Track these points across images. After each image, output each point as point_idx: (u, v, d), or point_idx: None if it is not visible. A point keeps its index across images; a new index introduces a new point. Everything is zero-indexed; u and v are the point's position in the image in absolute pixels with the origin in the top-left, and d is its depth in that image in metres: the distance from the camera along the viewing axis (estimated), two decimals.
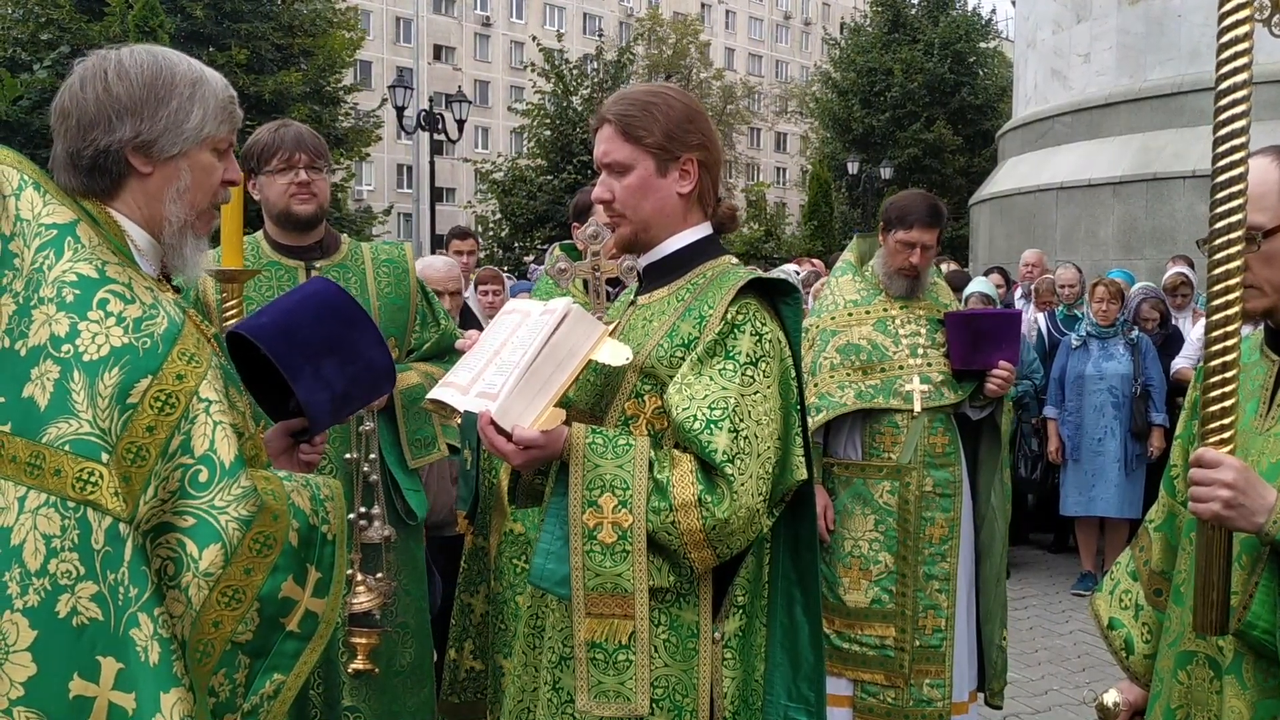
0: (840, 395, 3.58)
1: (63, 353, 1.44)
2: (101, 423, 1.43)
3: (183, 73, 1.64)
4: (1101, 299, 6.61)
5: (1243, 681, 1.68)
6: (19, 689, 1.39)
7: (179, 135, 1.62)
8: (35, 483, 1.42)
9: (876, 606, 3.58)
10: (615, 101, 2.05)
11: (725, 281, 2.00)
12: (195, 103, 1.63)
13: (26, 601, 1.40)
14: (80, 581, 1.40)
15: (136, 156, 1.61)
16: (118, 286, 1.50)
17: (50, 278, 1.47)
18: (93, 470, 1.42)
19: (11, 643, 1.40)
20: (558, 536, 1.92)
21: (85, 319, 1.46)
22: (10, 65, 17.75)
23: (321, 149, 2.94)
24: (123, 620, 1.41)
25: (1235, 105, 1.58)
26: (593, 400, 2.05)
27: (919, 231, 3.60)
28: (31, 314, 1.46)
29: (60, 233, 1.50)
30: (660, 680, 1.92)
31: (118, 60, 1.62)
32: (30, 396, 1.44)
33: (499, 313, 2.13)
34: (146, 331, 1.48)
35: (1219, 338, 1.63)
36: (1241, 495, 1.59)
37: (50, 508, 1.41)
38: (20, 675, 1.39)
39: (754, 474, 1.86)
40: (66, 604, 1.40)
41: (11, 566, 1.41)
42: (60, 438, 1.42)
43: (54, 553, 1.40)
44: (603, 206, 2.07)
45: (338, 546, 1.66)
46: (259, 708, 1.57)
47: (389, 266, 3.13)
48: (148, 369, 1.46)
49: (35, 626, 1.40)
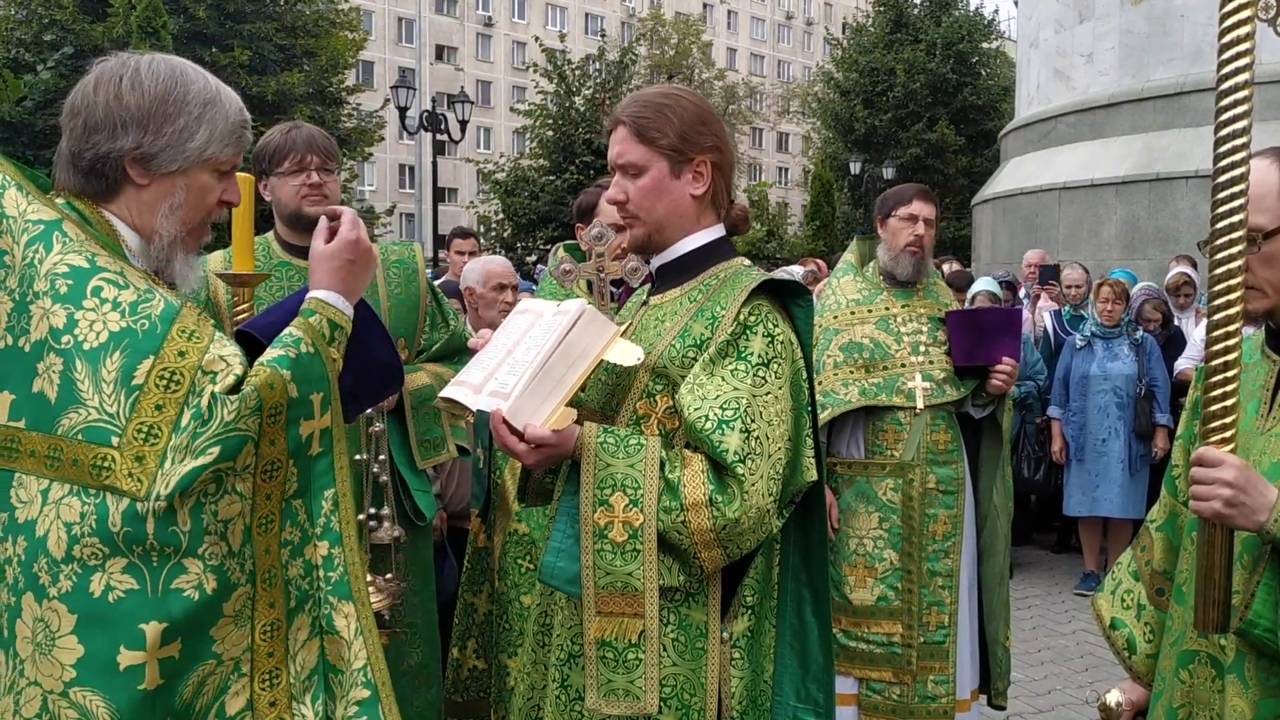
0: (844, 393, 3.60)
1: (63, 344, 1.46)
2: (109, 408, 1.45)
3: (197, 91, 1.64)
4: (1106, 299, 6.61)
5: (1245, 680, 1.69)
6: (71, 671, 1.43)
7: (180, 153, 1.62)
8: (56, 474, 1.45)
9: (883, 604, 3.59)
10: (629, 103, 2.07)
11: (738, 283, 2.02)
12: (203, 123, 1.63)
13: (61, 588, 1.43)
14: (110, 559, 1.44)
15: (135, 167, 1.61)
16: (110, 274, 1.51)
17: (42, 271, 1.49)
18: (106, 455, 1.44)
19: (56, 629, 1.44)
20: (568, 535, 1.93)
21: (81, 308, 1.48)
22: (14, 66, 17.77)
23: (332, 150, 2.97)
24: (161, 579, 1.45)
25: (1237, 105, 1.59)
26: (604, 400, 2.06)
27: (918, 204, 3.67)
28: (29, 309, 1.48)
29: (48, 228, 1.52)
30: (669, 679, 1.93)
31: (135, 68, 1.62)
32: (40, 391, 1.47)
33: (512, 312, 2.15)
34: (144, 314, 1.50)
35: (1220, 338, 1.64)
36: (1243, 494, 1.60)
37: (73, 496, 1.44)
38: (69, 659, 1.43)
39: (765, 474, 1.87)
40: (100, 583, 1.44)
41: (39, 558, 1.44)
42: (73, 428, 1.45)
43: (75, 539, 1.43)
44: (616, 207, 2.09)
45: (322, 352, 1.66)
46: (328, 523, 1.64)
47: (399, 267, 3.14)
48: (149, 349, 1.48)
49: (74, 610, 1.43)
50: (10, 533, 1.47)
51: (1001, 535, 3.77)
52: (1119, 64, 11.59)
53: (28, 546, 1.45)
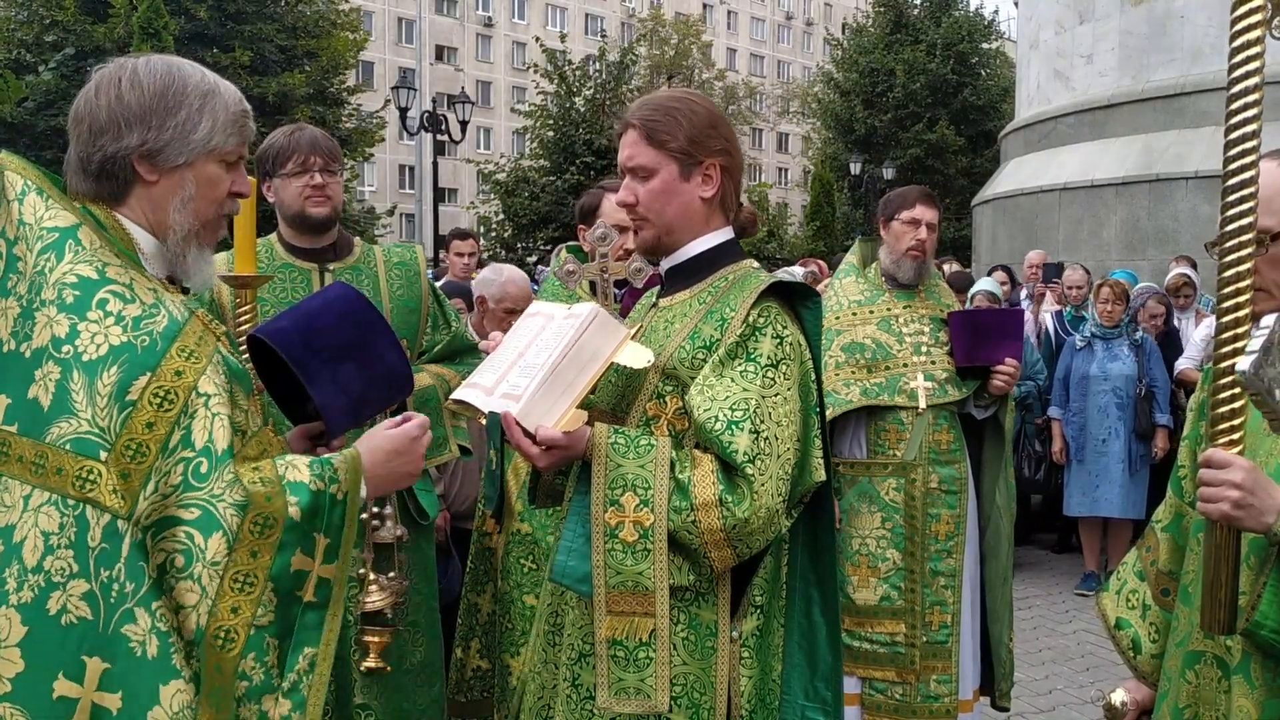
0: (846, 393, 3.61)
1: (63, 353, 1.47)
2: (100, 421, 1.45)
3: (195, 84, 1.66)
4: (1106, 300, 6.62)
5: (1251, 681, 1.69)
6: (6, 685, 1.41)
7: (185, 145, 1.64)
8: (39, 481, 1.45)
9: (886, 604, 3.60)
10: (640, 106, 2.09)
11: (747, 285, 2.03)
12: (204, 114, 1.65)
13: (21, 598, 1.42)
14: (72, 579, 1.42)
15: (142, 164, 1.63)
16: (118, 286, 1.52)
17: (51, 280, 1.50)
18: (91, 468, 1.44)
19: (3, 638, 1.42)
20: (579, 534, 1.94)
21: (85, 319, 1.48)
22: (15, 67, 17.79)
23: (335, 152, 2.98)
24: (114, 618, 1.42)
25: (1247, 108, 1.58)
26: (614, 401, 2.08)
27: (921, 208, 3.68)
28: (35, 316, 1.49)
29: (62, 236, 1.53)
30: (679, 678, 1.94)
31: (133, 69, 1.64)
32: (35, 398, 1.47)
33: (523, 315, 2.16)
34: (145, 330, 1.50)
35: (1229, 339, 1.64)
36: (1250, 495, 1.60)
37: (51, 506, 1.44)
38: (9, 671, 1.41)
39: (774, 475, 1.88)
40: (57, 601, 1.42)
41: (11, 563, 1.43)
42: (61, 437, 1.45)
43: (50, 550, 1.42)
44: (626, 210, 2.10)
45: (349, 505, 1.64)
46: (298, 683, 1.58)
47: (401, 269, 3.14)
48: (146, 366, 1.48)
49: (26, 623, 1.41)
50: None
51: (1004, 536, 3.77)
52: (1119, 65, 11.59)
53: (3, 552, 1.44)
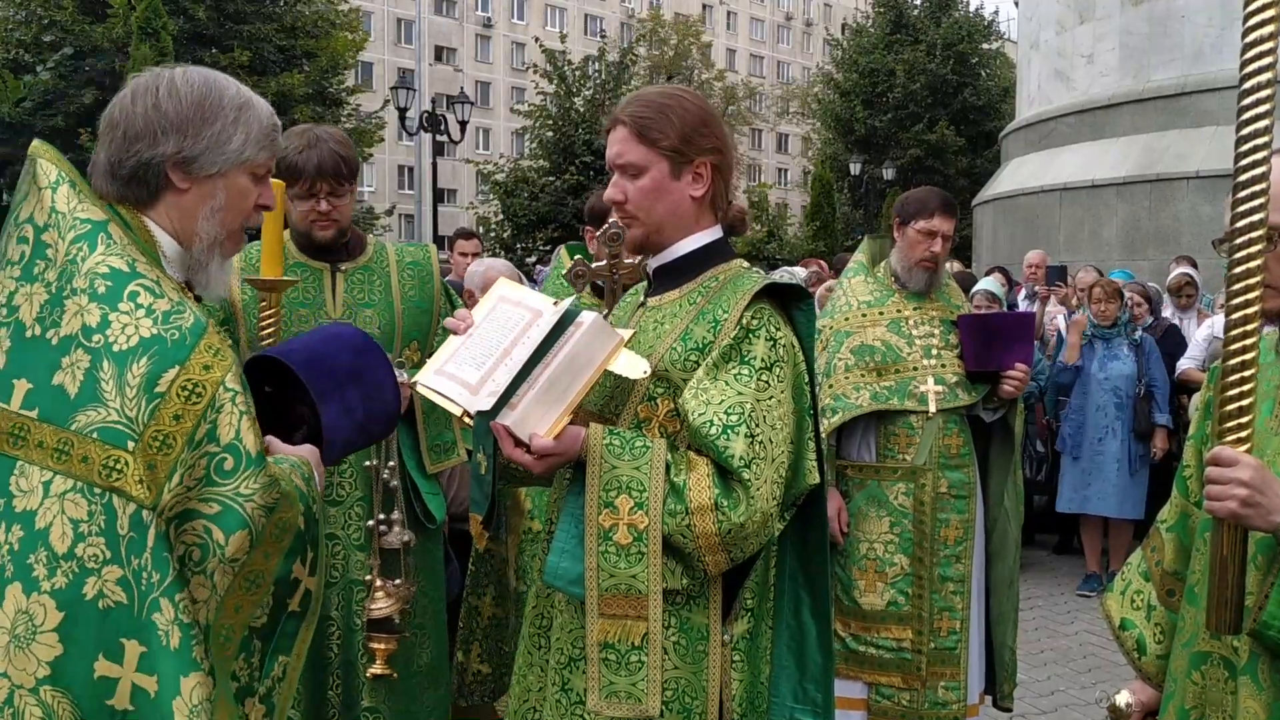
0: (855, 397, 3.56)
1: (94, 342, 1.48)
2: (129, 411, 1.46)
3: (230, 96, 1.70)
4: (1099, 299, 6.63)
5: (1258, 682, 1.68)
6: (46, 669, 1.43)
7: (219, 156, 1.68)
8: (62, 468, 1.46)
9: (893, 609, 3.56)
10: (630, 103, 2.05)
11: (739, 286, 2.01)
12: (239, 126, 1.69)
13: (55, 584, 1.43)
14: (106, 565, 1.44)
15: (176, 172, 1.66)
16: (147, 281, 1.54)
17: (83, 269, 1.52)
18: (119, 458, 1.45)
19: (40, 623, 1.43)
20: (573, 536, 1.92)
21: (116, 310, 1.50)
22: (13, 67, 17.76)
23: (345, 171, 2.83)
24: (145, 605, 1.44)
25: (1258, 105, 1.58)
26: (604, 403, 2.05)
27: (939, 220, 3.59)
28: (64, 304, 1.51)
29: (94, 227, 1.55)
30: (670, 682, 1.92)
31: (170, 79, 1.68)
32: (60, 384, 1.48)
33: (494, 300, 2.10)
34: (175, 324, 1.52)
35: (1238, 337, 1.63)
36: (1258, 494, 1.59)
37: (77, 493, 1.45)
38: (47, 655, 1.43)
39: (769, 479, 1.87)
40: (93, 586, 1.43)
41: (38, 549, 1.44)
42: (89, 425, 1.46)
43: (81, 537, 1.44)
44: (615, 207, 2.08)
45: (321, 519, 1.70)
46: (272, 690, 1.61)
47: (414, 269, 3.08)
48: (175, 359, 1.50)
49: (62, 608, 1.43)
50: (4, 520, 1.47)
51: (1011, 539, 3.74)
52: (1119, 65, 11.60)
53: (24, 537, 1.45)
